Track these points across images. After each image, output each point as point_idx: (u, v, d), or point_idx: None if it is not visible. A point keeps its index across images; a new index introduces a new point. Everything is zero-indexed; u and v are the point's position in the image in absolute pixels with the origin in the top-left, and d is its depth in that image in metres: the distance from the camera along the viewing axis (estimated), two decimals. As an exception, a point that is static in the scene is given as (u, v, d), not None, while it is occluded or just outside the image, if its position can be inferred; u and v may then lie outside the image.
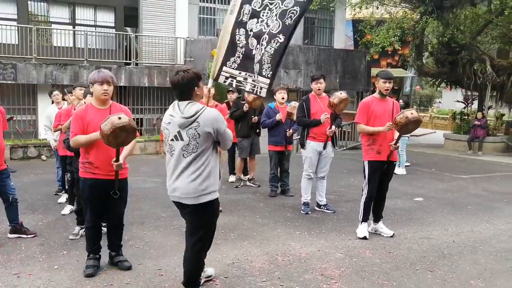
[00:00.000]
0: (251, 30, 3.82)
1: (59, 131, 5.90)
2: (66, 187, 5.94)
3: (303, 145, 5.91)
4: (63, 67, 12.20)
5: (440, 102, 35.63)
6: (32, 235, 4.72)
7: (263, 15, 3.82)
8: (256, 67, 3.84)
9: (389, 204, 5.35)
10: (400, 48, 14.10)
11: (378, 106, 4.81)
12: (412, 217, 5.91)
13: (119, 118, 3.35)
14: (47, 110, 7.03)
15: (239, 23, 3.83)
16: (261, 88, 3.87)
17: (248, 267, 4.01)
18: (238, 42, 3.83)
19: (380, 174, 4.86)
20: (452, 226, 5.52)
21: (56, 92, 6.76)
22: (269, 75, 3.83)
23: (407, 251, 4.55)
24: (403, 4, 14.12)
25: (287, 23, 3.77)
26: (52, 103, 6.97)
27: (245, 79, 3.87)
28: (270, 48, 3.79)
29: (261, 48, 3.81)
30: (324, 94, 5.92)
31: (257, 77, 3.85)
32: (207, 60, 13.76)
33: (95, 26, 16.93)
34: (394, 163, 5.00)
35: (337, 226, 5.39)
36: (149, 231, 5.05)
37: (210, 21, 14.82)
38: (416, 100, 30.17)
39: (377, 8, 13.98)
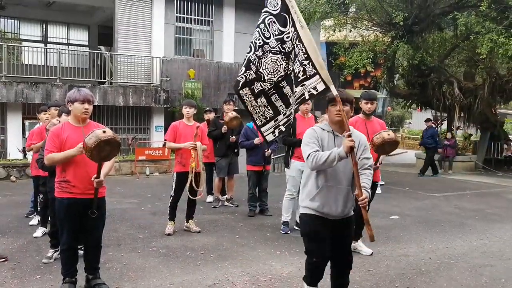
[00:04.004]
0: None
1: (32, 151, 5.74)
2: (39, 208, 5.76)
3: (287, 165, 5.93)
4: (35, 85, 11.92)
5: (410, 122, 36.58)
6: (3, 259, 4.51)
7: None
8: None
9: (367, 222, 5.42)
10: (373, 70, 14.47)
11: (362, 126, 4.88)
12: (389, 235, 6.00)
13: (104, 132, 3.34)
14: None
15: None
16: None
17: (230, 288, 3.95)
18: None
19: None
20: (428, 243, 5.62)
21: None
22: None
23: (386, 269, 4.60)
24: (375, 28, 14.58)
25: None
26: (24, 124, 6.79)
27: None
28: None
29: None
30: (310, 114, 6.03)
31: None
32: (184, 80, 13.78)
33: (68, 44, 16.76)
34: (376, 183, 5.06)
35: (317, 245, 5.40)
36: (126, 253, 4.92)
37: (187, 41, 14.89)
38: (387, 120, 30.90)
39: (350, 31, 14.39)
